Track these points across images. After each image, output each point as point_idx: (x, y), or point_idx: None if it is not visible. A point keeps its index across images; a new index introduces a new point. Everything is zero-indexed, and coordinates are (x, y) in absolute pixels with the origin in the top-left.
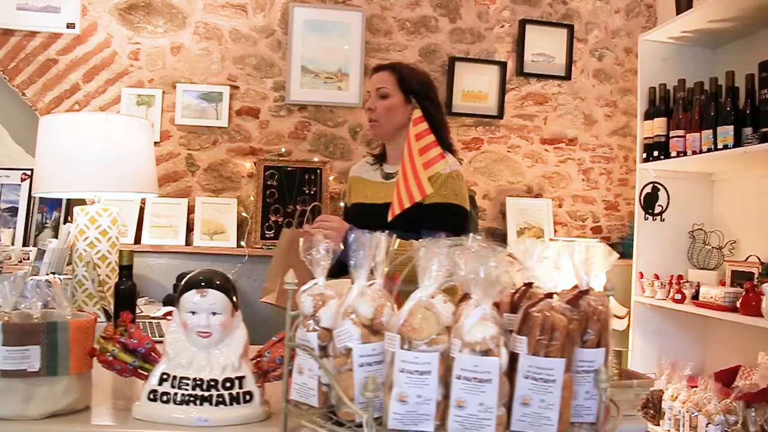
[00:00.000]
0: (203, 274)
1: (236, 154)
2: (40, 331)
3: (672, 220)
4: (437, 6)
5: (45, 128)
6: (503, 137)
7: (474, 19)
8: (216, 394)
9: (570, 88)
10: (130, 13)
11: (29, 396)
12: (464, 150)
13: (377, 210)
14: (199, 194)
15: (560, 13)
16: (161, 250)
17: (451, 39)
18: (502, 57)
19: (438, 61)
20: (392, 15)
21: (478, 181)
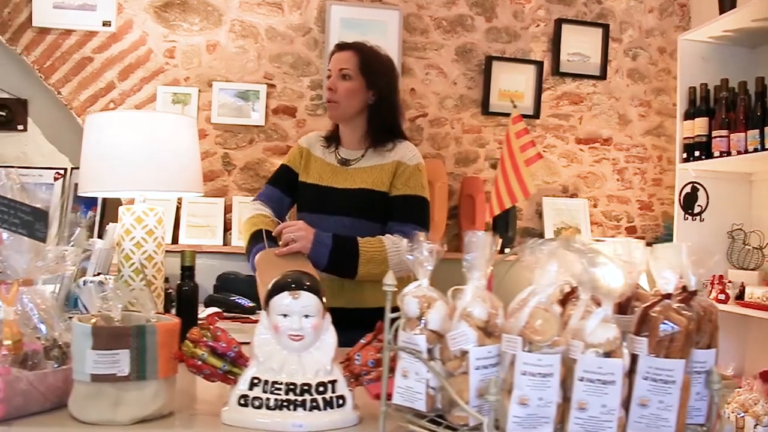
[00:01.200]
0: (291, 276)
1: (273, 153)
2: (130, 334)
3: (711, 220)
4: (473, 5)
5: (90, 127)
6: (539, 137)
7: (510, 18)
8: (309, 398)
9: (605, 88)
10: (165, 11)
11: (118, 401)
12: (500, 149)
13: (333, 195)
14: (235, 193)
15: (595, 12)
16: (199, 250)
17: (487, 38)
18: (537, 56)
19: (474, 60)
20: (429, 14)
21: None
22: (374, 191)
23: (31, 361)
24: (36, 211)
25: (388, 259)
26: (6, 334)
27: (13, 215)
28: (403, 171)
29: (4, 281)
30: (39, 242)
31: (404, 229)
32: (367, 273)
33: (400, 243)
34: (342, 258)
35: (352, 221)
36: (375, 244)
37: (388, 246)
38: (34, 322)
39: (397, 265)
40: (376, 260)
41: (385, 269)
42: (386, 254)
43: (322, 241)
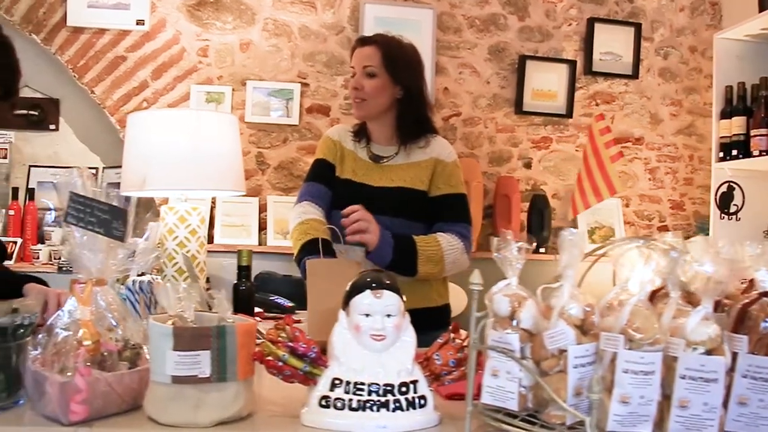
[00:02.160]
0: (371, 276)
1: (307, 153)
2: (210, 335)
3: (747, 220)
4: (506, 4)
5: (133, 126)
6: (572, 136)
7: (542, 17)
8: (392, 399)
9: (636, 87)
10: (198, 10)
11: (199, 403)
12: (533, 149)
13: (369, 192)
14: (269, 193)
15: (626, 11)
16: (234, 249)
17: (520, 37)
18: (569, 55)
19: (507, 60)
20: (462, 13)
21: (547, 180)
22: (412, 190)
23: (107, 362)
24: (114, 209)
25: (444, 258)
26: (85, 334)
27: (89, 213)
28: (443, 169)
29: (78, 281)
30: (114, 241)
31: (454, 228)
32: (425, 272)
33: (453, 242)
34: (403, 256)
35: (391, 220)
36: (432, 243)
37: (444, 245)
38: (109, 322)
39: (451, 264)
40: (433, 259)
41: (442, 268)
42: (443, 253)
43: (385, 237)
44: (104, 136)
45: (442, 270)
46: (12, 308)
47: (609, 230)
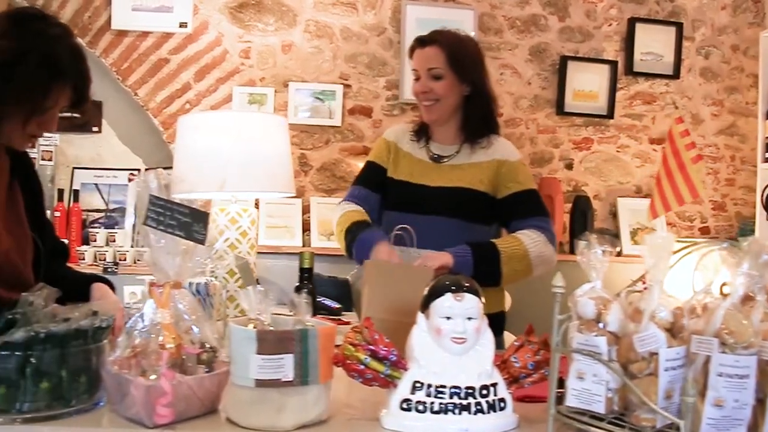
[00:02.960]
0: (450, 279)
1: (349, 154)
2: (293, 338)
3: None
4: (546, 4)
5: (184, 128)
6: (613, 137)
7: (582, 17)
8: (474, 402)
9: (677, 87)
10: (240, 12)
11: (282, 406)
12: (575, 150)
13: (425, 193)
14: (312, 194)
15: (667, 10)
16: (279, 251)
17: (561, 38)
18: (610, 56)
19: (548, 60)
20: (502, 13)
21: (589, 182)
22: (472, 190)
23: (186, 366)
24: (194, 212)
25: (528, 253)
26: (167, 338)
27: (169, 217)
28: (509, 169)
29: (156, 283)
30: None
31: (531, 223)
32: (511, 271)
33: (533, 235)
34: (485, 262)
35: (448, 221)
36: (510, 241)
37: (525, 240)
38: (187, 324)
39: (537, 258)
40: (517, 256)
41: (528, 264)
42: (526, 248)
43: (459, 250)
44: (147, 138)
45: (529, 266)
46: (91, 311)
47: (651, 231)
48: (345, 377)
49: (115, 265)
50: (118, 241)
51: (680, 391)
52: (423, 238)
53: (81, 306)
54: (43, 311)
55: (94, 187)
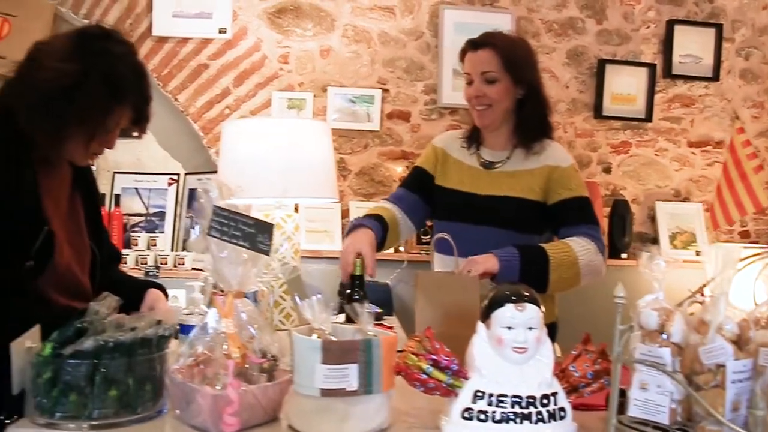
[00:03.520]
0: (510, 289)
1: (387, 158)
2: (358, 348)
3: None
4: (583, 7)
5: (228, 135)
6: (651, 140)
7: (620, 20)
8: (535, 411)
9: (716, 90)
10: (279, 17)
11: (346, 415)
12: (612, 153)
13: (476, 202)
14: (351, 198)
15: (706, 12)
16: (319, 255)
17: (598, 41)
18: (647, 58)
19: (586, 64)
20: (539, 17)
21: (627, 185)
22: (522, 199)
23: (249, 374)
24: (259, 223)
25: (578, 261)
26: (232, 347)
27: (233, 227)
28: (560, 175)
29: (218, 293)
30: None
31: (580, 231)
32: (559, 278)
33: (583, 243)
34: (533, 267)
35: (498, 232)
36: (561, 247)
37: (575, 247)
38: (250, 333)
39: (587, 267)
40: (566, 263)
41: (577, 271)
42: (576, 255)
43: (506, 253)
44: (186, 143)
45: (578, 275)
46: (156, 320)
47: (690, 235)
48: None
49: (157, 269)
50: (159, 245)
51: (747, 404)
52: (473, 248)
53: (145, 315)
54: (110, 321)
55: (134, 191)
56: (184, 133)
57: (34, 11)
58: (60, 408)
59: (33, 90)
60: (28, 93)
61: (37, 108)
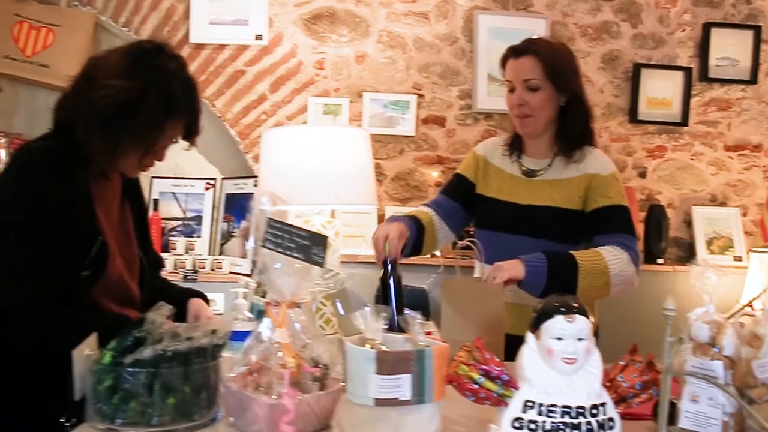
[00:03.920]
0: (559, 300)
1: (423, 163)
2: (411, 359)
3: None
4: (618, 11)
5: (269, 142)
6: (687, 144)
7: (655, 23)
8: (585, 421)
9: (754, 93)
10: (314, 23)
11: (399, 425)
12: (648, 158)
13: (515, 212)
14: (387, 203)
15: (743, 13)
16: (355, 260)
17: (633, 45)
18: (684, 62)
19: (621, 68)
20: (574, 21)
21: (662, 190)
22: (562, 210)
23: (302, 383)
24: (313, 235)
25: (609, 270)
26: (287, 357)
27: (287, 239)
28: (599, 182)
29: (272, 303)
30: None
31: (613, 240)
32: (588, 287)
33: (615, 252)
34: (560, 275)
35: (536, 242)
36: (591, 255)
37: (606, 256)
38: (302, 343)
39: (618, 276)
40: (596, 271)
41: (607, 281)
42: (606, 264)
43: (533, 260)
44: (223, 148)
45: (608, 284)
46: (210, 330)
47: (727, 240)
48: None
49: (195, 273)
50: (197, 249)
51: None
52: (512, 257)
53: (200, 325)
54: (166, 330)
55: (171, 195)
56: (220, 138)
57: (77, 21)
58: (121, 414)
59: (91, 106)
60: (86, 109)
61: (95, 124)
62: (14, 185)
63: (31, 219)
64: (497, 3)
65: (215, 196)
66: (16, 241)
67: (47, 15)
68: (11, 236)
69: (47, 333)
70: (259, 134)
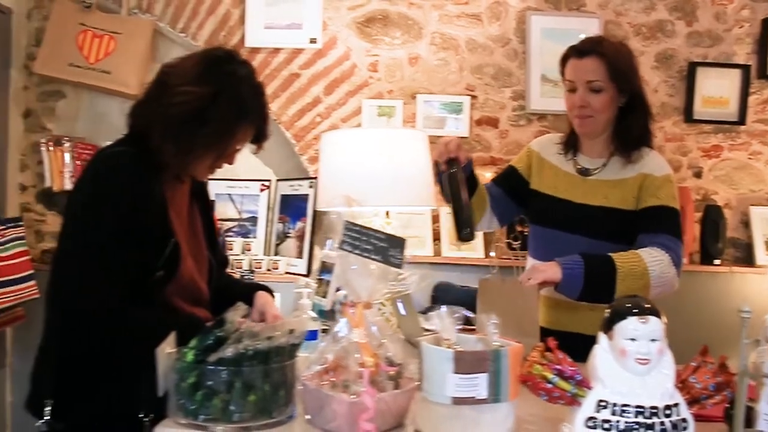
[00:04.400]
0: (631, 301)
1: (476, 164)
2: (488, 359)
3: None
4: (673, 9)
5: (328, 144)
6: (744, 144)
7: (711, 20)
8: (658, 422)
9: None
10: (368, 26)
11: (475, 423)
12: (704, 158)
13: (570, 210)
14: (441, 204)
15: None
16: (411, 261)
17: (688, 43)
18: (741, 59)
19: (675, 67)
20: (627, 20)
21: (719, 190)
22: (616, 210)
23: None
24: (391, 237)
25: (648, 271)
26: (365, 356)
27: (365, 241)
28: (651, 182)
29: (348, 303)
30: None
31: (656, 240)
32: (627, 290)
33: (656, 254)
34: (598, 277)
35: (590, 242)
36: (630, 257)
37: (646, 257)
38: (377, 342)
39: (658, 278)
40: (635, 273)
41: (647, 283)
42: (645, 265)
43: (570, 262)
44: (277, 150)
45: (647, 286)
46: (289, 329)
47: None
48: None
49: (251, 273)
50: (253, 250)
51: None
52: (564, 255)
53: (278, 324)
54: (245, 329)
55: (227, 197)
56: (276, 140)
57: (136, 28)
58: (204, 411)
59: (165, 113)
60: (160, 116)
61: (170, 130)
62: (92, 190)
63: (109, 223)
64: (549, 3)
65: (270, 197)
66: (96, 245)
67: (109, 23)
68: (91, 240)
69: (126, 333)
70: (314, 136)
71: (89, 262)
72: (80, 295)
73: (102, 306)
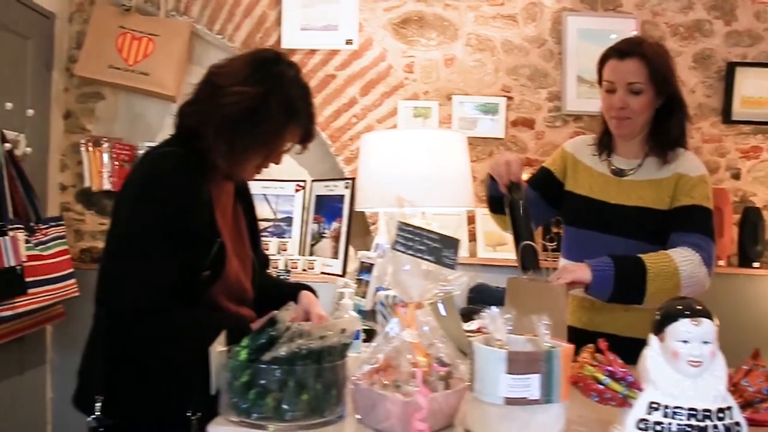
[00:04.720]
0: (682, 303)
1: None
2: (541, 359)
3: None
4: (711, 8)
5: (367, 145)
6: None
7: (751, 19)
8: (711, 425)
9: None
10: (403, 28)
11: (528, 423)
12: (742, 159)
13: (605, 210)
14: (476, 205)
15: None
16: None
17: (727, 43)
18: None
19: (713, 67)
20: (664, 20)
21: (758, 191)
22: (652, 210)
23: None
24: (444, 238)
25: (678, 271)
26: (418, 356)
27: (418, 242)
28: (686, 182)
29: (400, 304)
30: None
31: (687, 240)
32: (657, 290)
33: (686, 253)
34: (628, 278)
35: (626, 243)
36: (660, 257)
37: (676, 258)
38: (428, 342)
39: (689, 278)
40: (665, 273)
41: (677, 282)
42: (676, 265)
43: (600, 263)
44: (313, 151)
45: (678, 286)
46: (341, 329)
47: None
48: None
49: (287, 273)
50: (288, 250)
51: None
52: (599, 256)
53: (329, 324)
54: (297, 329)
55: (262, 197)
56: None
57: (174, 30)
58: (257, 409)
59: (218, 113)
60: (213, 116)
61: (224, 129)
62: (142, 190)
63: (156, 224)
64: (585, 4)
65: (305, 198)
66: (143, 246)
67: (148, 25)
68: (138, 241)
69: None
70: (349, 137)
71: (136, 262)
72: (127, 295)
73: (149, 306)
